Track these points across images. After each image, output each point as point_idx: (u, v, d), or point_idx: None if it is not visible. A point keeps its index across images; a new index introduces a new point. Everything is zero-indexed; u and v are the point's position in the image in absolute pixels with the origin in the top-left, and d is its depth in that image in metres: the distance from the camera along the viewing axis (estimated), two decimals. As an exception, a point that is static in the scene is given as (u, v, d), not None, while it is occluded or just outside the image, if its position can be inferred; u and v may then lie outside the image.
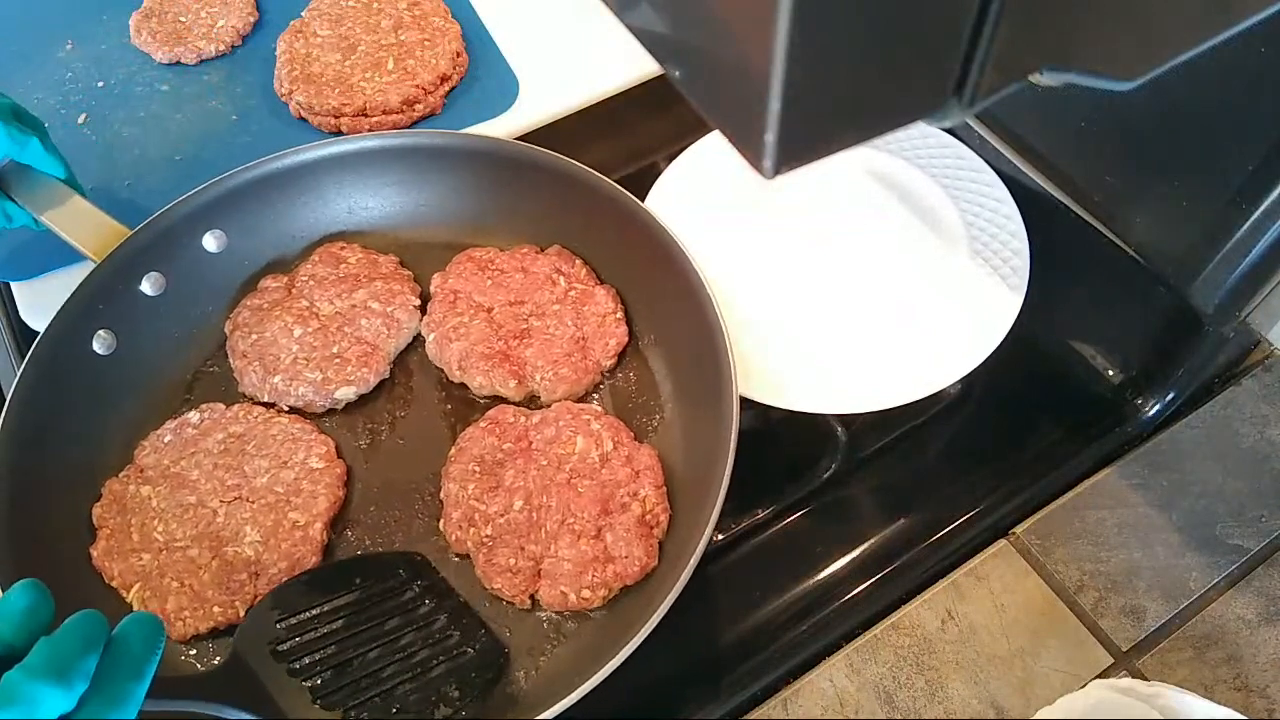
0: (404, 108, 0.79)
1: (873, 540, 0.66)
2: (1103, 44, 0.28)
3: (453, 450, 0.63)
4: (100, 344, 0.65)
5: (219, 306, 0.71)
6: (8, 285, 0.75)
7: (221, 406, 0.65)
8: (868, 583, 0.64)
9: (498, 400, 0.66)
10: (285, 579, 0.58)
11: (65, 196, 0.66)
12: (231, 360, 0.68)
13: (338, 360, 0.66)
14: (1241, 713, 0.51)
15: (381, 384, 0.68)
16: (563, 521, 0.58)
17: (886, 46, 0.26)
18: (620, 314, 0.68)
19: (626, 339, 0.68)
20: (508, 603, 0.58)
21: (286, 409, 0.66)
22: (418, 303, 0.70)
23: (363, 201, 0.74)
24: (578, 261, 0.70)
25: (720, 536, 0.65)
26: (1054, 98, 0.67)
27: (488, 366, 0.65)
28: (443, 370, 0.68)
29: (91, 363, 0.65)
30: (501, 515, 0.59)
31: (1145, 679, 0.58)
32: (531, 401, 0.66)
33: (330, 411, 0.67)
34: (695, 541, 0.53)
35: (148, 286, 0.68)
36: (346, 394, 0.66)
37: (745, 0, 0.24)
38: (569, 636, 0.58)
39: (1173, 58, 0.29)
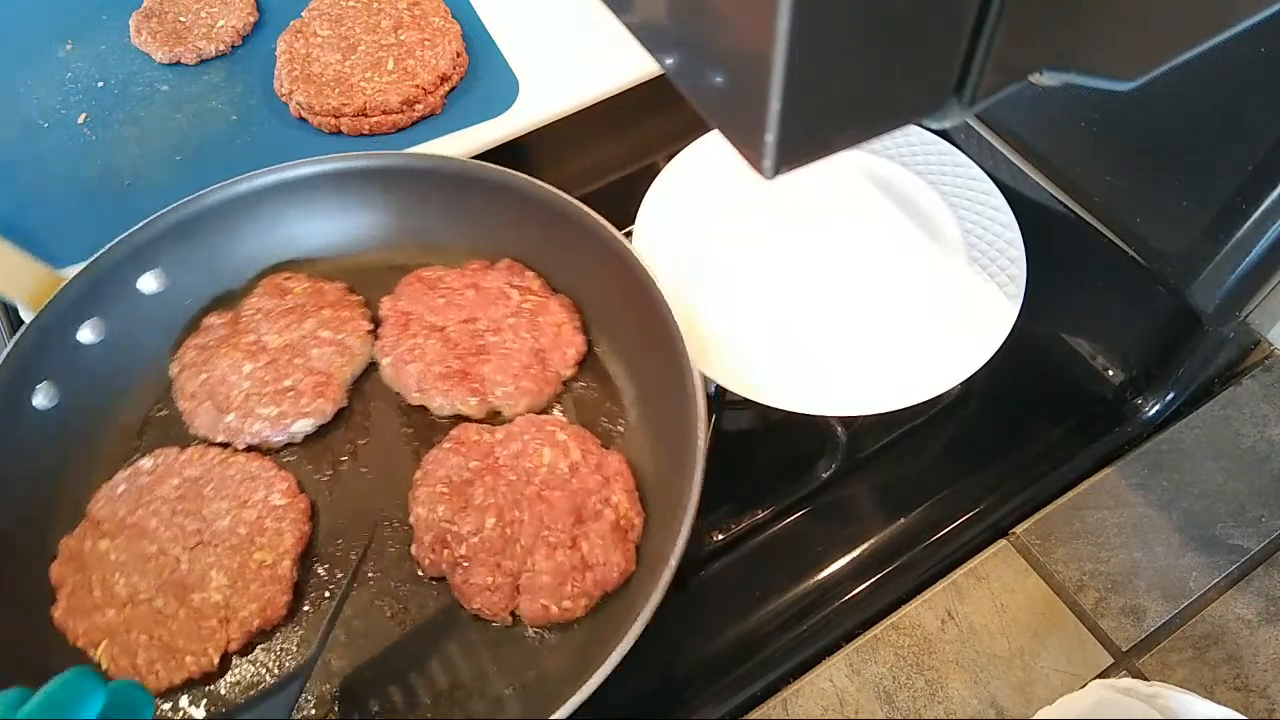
0: (404, 108, 0.79)
1: (873, 540, 0.66)
2: (1103, 44, 0.28)
3: (418, 474, 0.61)
4: (42, 397, 0.63)
5: (163, 348, 0.68)
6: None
7: (175, 450, 0.63)
8: (868, 583, 0.64)
9: (460, 420, 0.64)
10: (258, 621, 0.56)
11: None
12: (179, 402, 0.65)
13: (292, 393, 0.64)
14: (1241, 713, 0.51)
15: (339, 413, 0.66)
16: (537, 534, 0.57)
17: (887, 47, 0.26)
18: (577, 323, 0.67)
19: (585, 348, 0.67)
20: (488, 622, 0.57)
21: (243, 447, 0.64)
22: (370, 327, 0.68)
23: (305, 229, 0.72)
24: (529, 273, 0.69)
25: (720, 536, 0.65)
26: (1054, 98, 0.67)
27: (447, 386, 0.64)
28: (401, 394, 0.66)
29: (34, 417, 0.62)
30: (475, 534, 0.58)
31: (1145, 679, 0.58)
32: (494, 418, 0.65)
33: (288, 446, 0.65)
34: (673, 542, 0.52)
35: (86, 334, 0.65)
36: (304, 426, 0.64)
37: (746, 0, 0.24)
38: (554, 650, 0.56)
39: (1173, 58, 0.30)
